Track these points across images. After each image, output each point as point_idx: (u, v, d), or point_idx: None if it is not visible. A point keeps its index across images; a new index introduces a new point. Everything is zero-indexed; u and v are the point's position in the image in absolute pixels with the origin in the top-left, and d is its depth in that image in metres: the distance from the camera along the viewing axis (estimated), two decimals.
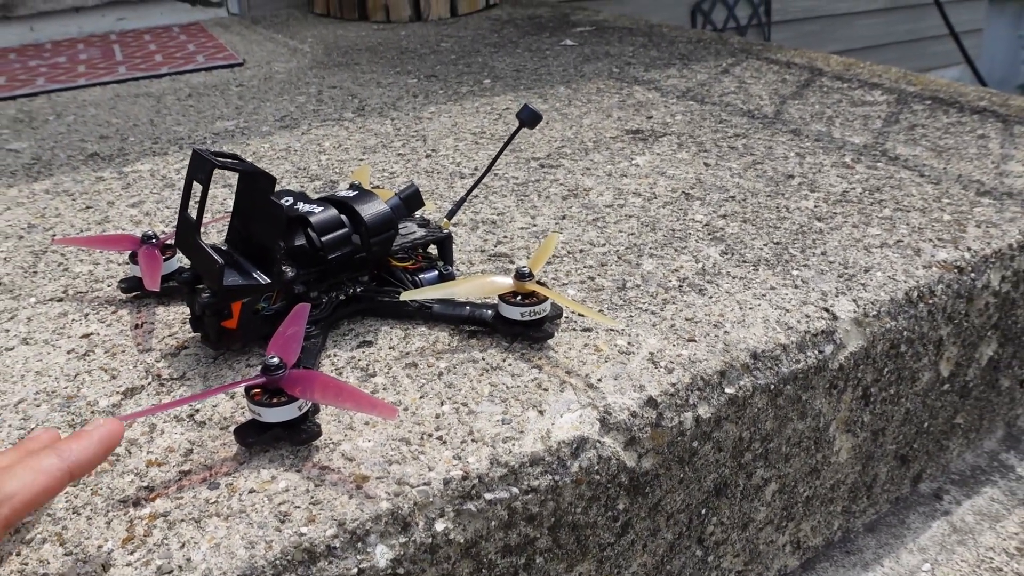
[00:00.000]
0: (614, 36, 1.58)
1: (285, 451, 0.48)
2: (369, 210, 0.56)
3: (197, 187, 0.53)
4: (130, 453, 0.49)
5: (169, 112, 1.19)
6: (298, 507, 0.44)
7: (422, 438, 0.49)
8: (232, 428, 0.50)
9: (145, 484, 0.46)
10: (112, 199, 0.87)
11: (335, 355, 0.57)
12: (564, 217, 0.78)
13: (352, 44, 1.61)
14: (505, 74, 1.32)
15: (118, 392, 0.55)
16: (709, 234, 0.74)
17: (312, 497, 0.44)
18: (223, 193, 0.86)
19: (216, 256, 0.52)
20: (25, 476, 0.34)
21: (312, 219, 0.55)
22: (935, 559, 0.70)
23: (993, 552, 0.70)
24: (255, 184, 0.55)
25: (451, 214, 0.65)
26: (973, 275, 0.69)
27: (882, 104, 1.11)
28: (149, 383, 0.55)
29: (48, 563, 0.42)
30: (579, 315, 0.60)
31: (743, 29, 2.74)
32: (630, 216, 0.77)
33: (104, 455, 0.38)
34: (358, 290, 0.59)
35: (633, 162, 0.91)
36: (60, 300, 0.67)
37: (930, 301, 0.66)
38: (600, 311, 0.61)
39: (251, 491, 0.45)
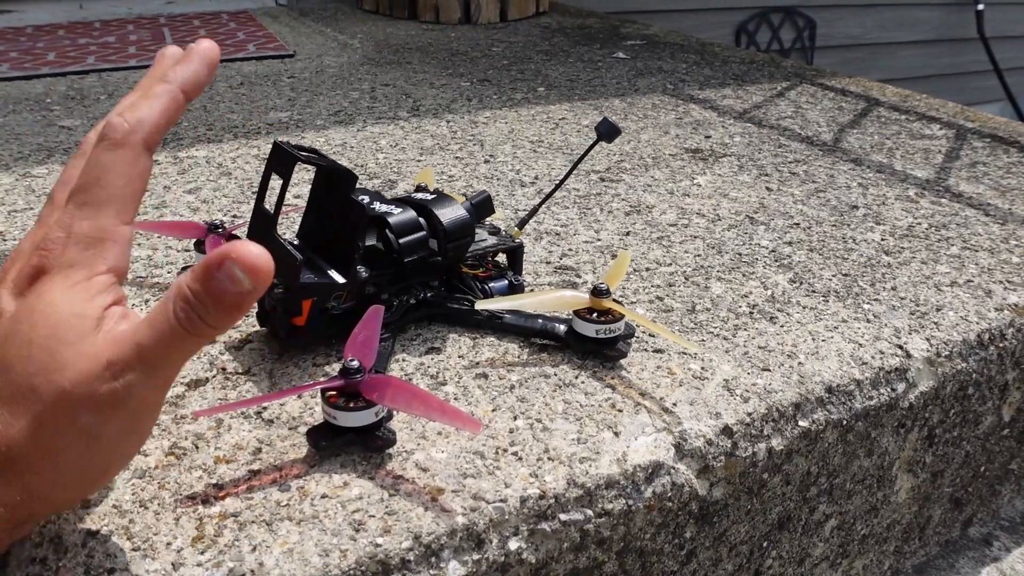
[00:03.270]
0: (666, 52, 1.56)
1: (356, 457, 0.47)
2: (448, 215, 0.55)
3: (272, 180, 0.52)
4: (197, 448, 0.48)
5: (222, 99, 1.18)
6: (372, 516, 0.43)
7: (497, 453, 0.47)
8: (301, 429, 0.49)
9: (214, 482, 0.45)
10: (168, 184, 0.86)
11: (403, 360, 0.56)
12: (628, 233, 0.76)
13: (402, 43, 1.61)
14: (559, 83, 1.31)
15: (181, 382, 0.54)
16: (776, 260, 0.72)
17: (387, 507, 0.43)
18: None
19: (295, 252, 0.51)
20: (146, 105, 0.39)
21: (391, 220, 0.54)
22: None
23: None
24: (335, 181, 0.54)
25: (522, 223, 0.64)
26: None
27: (941, 139, 1.09)
28: (214, 376, 0.54)
29: (115, 557, 0.41)
30: (651, 335, 0.59)
31: (786, 52, 2.73)
32: (695, 237, 0.76)
33: (207, 72, 0.42)
34: (428, 295, 0.58)
35: (695, 181, 0.90)
36: None
37: (1000, 345, 0.65)
38: (674, 332, 0.60)
39: (323, 496, 0.44)
